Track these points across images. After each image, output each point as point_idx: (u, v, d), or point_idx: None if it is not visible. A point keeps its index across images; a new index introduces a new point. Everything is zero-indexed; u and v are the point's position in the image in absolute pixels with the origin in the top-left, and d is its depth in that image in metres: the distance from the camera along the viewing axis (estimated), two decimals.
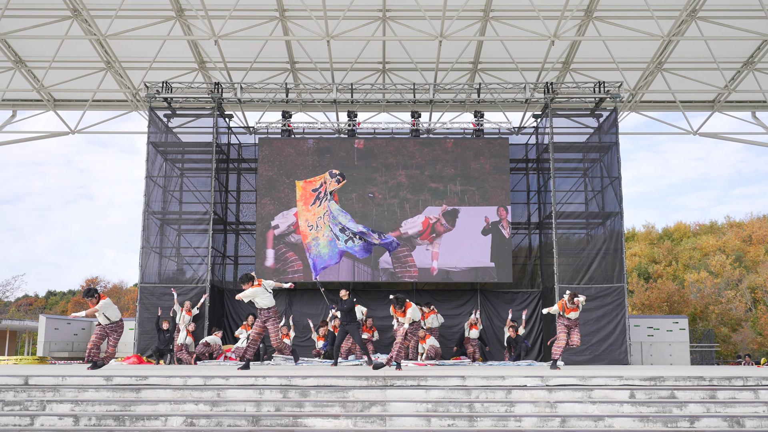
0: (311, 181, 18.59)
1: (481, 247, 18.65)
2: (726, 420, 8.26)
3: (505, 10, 18.78)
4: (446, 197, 18.90)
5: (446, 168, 19.03)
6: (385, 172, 19.03)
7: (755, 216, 46.51)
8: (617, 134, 18.52)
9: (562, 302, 13.25)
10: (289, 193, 19.01)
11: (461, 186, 18.95)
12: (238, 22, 18.52)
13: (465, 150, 19.19)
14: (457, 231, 18.72)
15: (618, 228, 18.07)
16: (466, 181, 18.97)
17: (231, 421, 8.24)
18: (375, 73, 21.86)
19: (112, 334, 12.09)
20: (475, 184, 18.94)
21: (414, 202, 18.89)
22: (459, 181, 18.97)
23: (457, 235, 18.71)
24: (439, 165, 19.05)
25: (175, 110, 19.24)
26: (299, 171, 19.09)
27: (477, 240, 18.70)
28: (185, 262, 18.98)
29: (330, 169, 19.09)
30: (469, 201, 18.89)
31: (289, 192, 19.01)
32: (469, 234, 18.71)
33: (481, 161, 19.08)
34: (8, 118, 23.04)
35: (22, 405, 8.67)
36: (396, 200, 18.90)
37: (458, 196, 18.91)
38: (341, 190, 18.98)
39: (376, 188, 18.95)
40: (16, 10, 18.07)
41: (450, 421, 8.22)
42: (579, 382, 9.42)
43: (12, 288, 36.69)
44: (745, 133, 23.54)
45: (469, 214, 18.84)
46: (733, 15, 18.53)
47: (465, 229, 18.73)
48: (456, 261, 18.59)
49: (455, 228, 18.76)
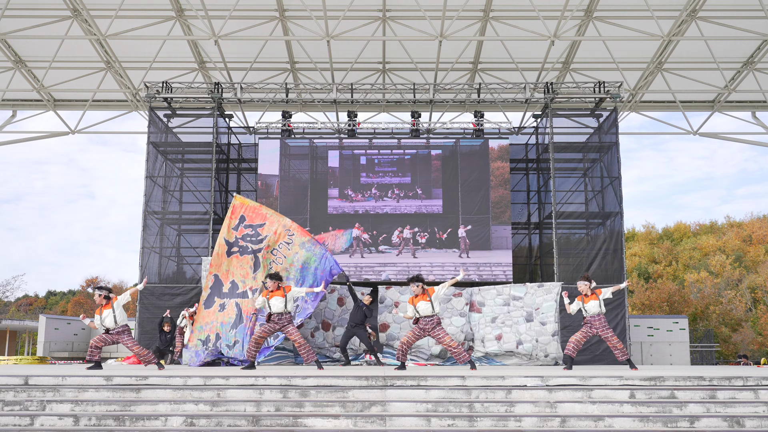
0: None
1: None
2: (726, 420, 8.25)
3: (505, 10, 18.79)
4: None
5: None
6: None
7: (755, 216, 46.52)
8: (617, 134, 18.52)
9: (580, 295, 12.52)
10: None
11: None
12: (238, 22, 18.53)
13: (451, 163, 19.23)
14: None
15: (618, 228, 18.07)
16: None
17: (231, 421, 8.24)
18: (375, 73, 21.86)
19: (123, 338, 11.98)
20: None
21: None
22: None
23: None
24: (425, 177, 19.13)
25: (175, 110, 19.24)
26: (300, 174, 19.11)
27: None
28: (185, 262, 18.98)
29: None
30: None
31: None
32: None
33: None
34: (8, 118, 23.06)
35: (22, 405, 8.67)
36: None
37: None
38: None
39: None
40: (16, 10, 18.09)
41: (450, 421, 8.22)
42: (579, 382, 9.42)
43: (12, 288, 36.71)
44: (746, 133, 23.57)
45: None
46: (733, 15, 18.54)
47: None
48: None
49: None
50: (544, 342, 14.87)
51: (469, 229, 18.70)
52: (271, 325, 11.99)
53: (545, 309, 15.04)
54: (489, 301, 15.42)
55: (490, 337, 15.13)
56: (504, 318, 15.16)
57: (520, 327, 15.03)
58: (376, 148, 19.56)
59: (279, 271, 13.55)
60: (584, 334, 12.44)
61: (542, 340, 14.90)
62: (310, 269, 14.38)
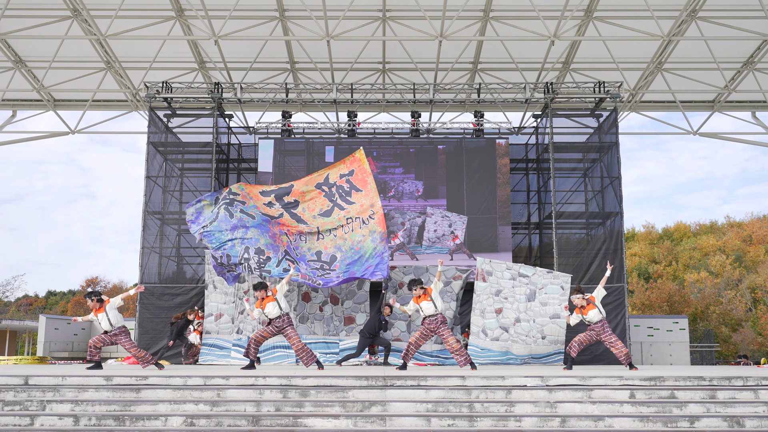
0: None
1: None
2: (726, 420, 8.25)
3: (505, 10, 18.79)
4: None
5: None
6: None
7: (755, 216, 46.52)
8: (617, 134, 18.51)
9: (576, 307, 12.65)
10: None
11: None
12: (238, 22, 18.53)
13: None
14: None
15: (618, 228, 18.06)
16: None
17: (231, 421, 8.24)
18: (375, 73, 21.86)
19: (121, 339, 11.99)
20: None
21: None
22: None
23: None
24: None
25: (175, 110, 19.23)
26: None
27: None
28: (185, 262, 18.97)
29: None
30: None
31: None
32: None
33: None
34: (8, 118, 23.06)
35: (22, 405, 8.67)
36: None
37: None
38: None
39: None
40: (16, 10, 18.08)
41: (450, 421, 8.22)
42: (579, 382, 9.42)
43: (12, 288, 36.71)
44: (746, 133, 23.57)
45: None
46: (733, 15, 18.54)
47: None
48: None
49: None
50: (542, 323, 15.07)
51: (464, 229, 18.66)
52: (271, 328, 12.06)
53: (549, 290, 15.30)
54: (497, 272, 15.64)
55: (490, 309, 15.34)
56: (507, 293, 15.38)
57: (521, 305, 15.27)
58: (377, 143, 19.54)
59: (328, 238, 14.10)
60: (588, 338, 12.54)
61: (539, 321, 15.11)
62: (363, 257, 14.30)
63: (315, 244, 14.61)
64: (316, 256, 14.54)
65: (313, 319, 15.45)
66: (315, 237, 14.57)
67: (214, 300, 15.96)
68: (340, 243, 14.39)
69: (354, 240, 14.41)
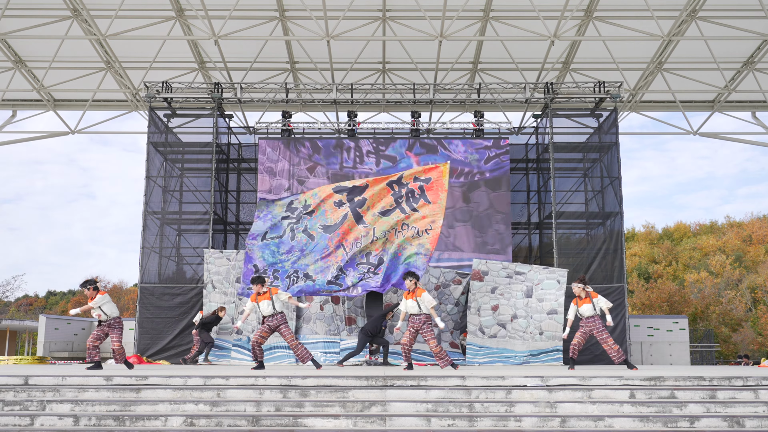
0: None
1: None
2: (726, 420, 8.25)
3: (505, 10, 18.79)
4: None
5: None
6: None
7: (755, 216, 46.51)
8: (617, 134, 18.52)
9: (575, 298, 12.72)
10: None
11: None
12: (238, 22, 18.53)
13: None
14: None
15: (618, 228, 18.07)
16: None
17: (231, 421, 8.24)
18: (375, 73, 21.86)
19: (113, 331, 12.06)
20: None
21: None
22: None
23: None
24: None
25: (175, 110, 19.24)
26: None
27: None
28: (185, 262, 18.97)
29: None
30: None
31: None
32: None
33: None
34: (8, 118, 23.06)
35: (22, 405, 8.67)
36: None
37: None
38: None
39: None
40: (16, 10, 18.08)
41: (450, 421, 8.22)
42: (579, 382, 9.42)
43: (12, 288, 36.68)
44: (746, 133, 23.57)
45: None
46: (733, 15, 18.54)
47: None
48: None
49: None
50: (539, 319, 15.12)
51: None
52: (265, 327, 12.09)
53: (546, 285, 15.34)
54: (493, 271, 15.71)
55: (486, 306, 15.39)
56: (503, 290, 15.45)
57: (518, 301, 15.35)
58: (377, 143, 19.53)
59: (381, 240, 14.29)
60: (583, 336, 12.60)
61: (537, 317, 15.15)
62: (399, 267, 14.32)
63: (368, 246, 14.66)
64: (365, 257, 14.61)
65: (315, 318, 15.46)
66: (369, 239, 14.61)
67: (213, 300, 15.95)
68: (388, 246, 14.49)
69: (400, 245, 14.46)
